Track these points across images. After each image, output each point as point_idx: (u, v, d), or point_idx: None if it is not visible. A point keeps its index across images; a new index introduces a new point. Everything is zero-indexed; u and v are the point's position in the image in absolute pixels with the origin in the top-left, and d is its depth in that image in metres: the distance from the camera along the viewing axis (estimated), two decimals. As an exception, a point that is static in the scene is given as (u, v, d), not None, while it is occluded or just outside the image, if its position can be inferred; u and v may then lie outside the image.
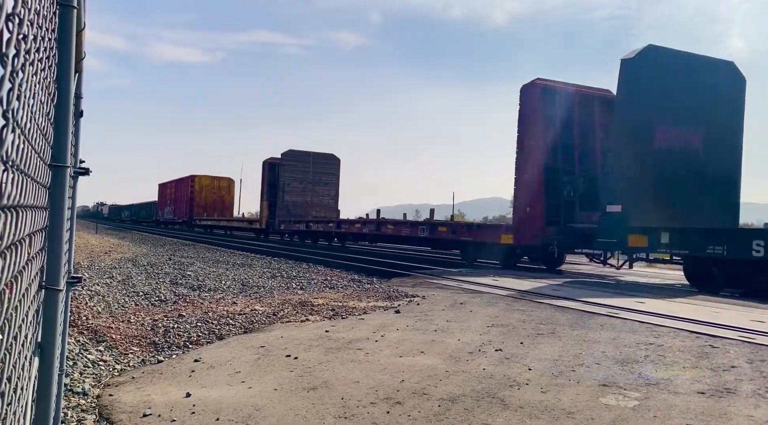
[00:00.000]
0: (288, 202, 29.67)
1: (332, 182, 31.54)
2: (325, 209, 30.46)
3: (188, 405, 3.67)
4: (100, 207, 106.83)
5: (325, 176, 31.00)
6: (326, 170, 31.19)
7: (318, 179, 30.71)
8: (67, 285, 2.67)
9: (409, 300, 8.45)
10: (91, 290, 8.77)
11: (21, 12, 1.01)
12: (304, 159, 30.61)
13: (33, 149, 1.28)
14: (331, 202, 31.35)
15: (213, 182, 44.89)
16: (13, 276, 1.10)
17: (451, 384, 4.11)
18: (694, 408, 3.58)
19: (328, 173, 31.20)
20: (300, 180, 30.25)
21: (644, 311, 7.24)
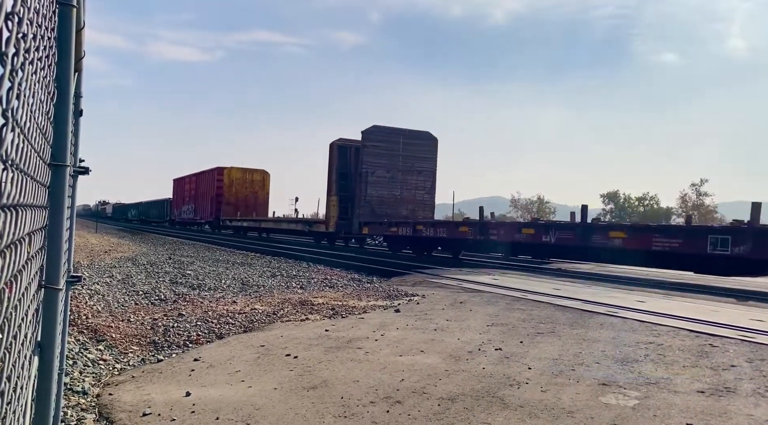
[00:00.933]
0: (372, 197, 22.04)
1: (428, 170, 23.25)
2: (419, 207, 22.95)
3: (188, 405, 3.67)
4: (102, 206, 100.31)
5: (419, 161, 22.95)
6: (420, 153, 23.05)
7: (410, 165, 22.83)
8: (66, 284, 2.67)
9: (408, 299, 8.45)
10: (90, 289, 8.78)
11: (20, 11, 1.01)
12: (393, 138, 22.55)
13: (33, 148, 1.28)
14: (426, 197, 23.26)
15: (245, 176, 38.18)
16: (12, 275, 1.10)
17: (451, 383, 4.11)
18: (694, 407, 3.58)
19: (422, 158, 23.08)
20: (387, 167, 22.38)
21: (644, 310, 7.24)
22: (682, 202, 73.28)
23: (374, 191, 22.13)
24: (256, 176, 39.02)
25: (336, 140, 23.48)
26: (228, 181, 37.57)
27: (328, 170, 23.54)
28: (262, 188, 39.15)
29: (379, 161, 22.22)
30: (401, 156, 22.63)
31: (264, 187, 39.30)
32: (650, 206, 79.16)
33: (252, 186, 38.55)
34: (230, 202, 37.28)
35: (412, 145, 22.78)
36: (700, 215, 67.48)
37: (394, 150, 22.52)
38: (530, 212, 79.24)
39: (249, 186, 38.43)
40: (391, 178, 22.46)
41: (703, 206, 70.75)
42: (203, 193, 40.48)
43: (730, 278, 11.92)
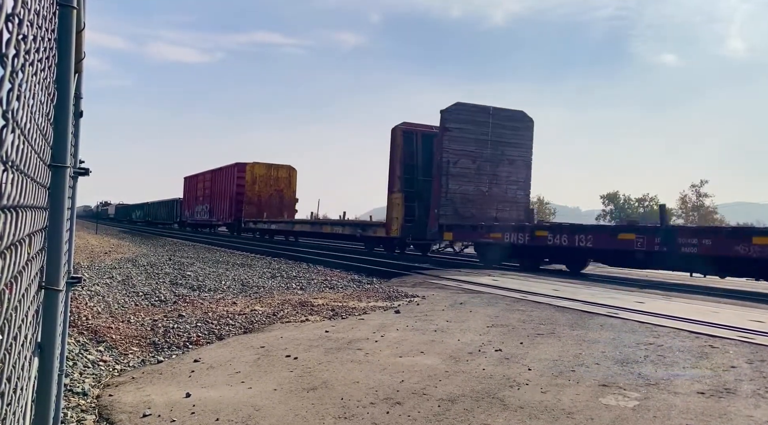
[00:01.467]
0: (454, 194, 17.44)
1: (521, 160, 18.60)
2: (510, 206, 18.36)
3: (188, 406, 3.67)
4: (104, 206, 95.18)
5: (510, 148, 18.32)
6: (513, 137, 18.39)
7: (500, 153, 18.10)
8: (66, 285, 2.67)
9: (408, 300, 8.44)
10: (91, 291, 8.78)
11: (21, 12, 1.01)
12: (480, 119, 17.75)
13: (33, 149, 1.28)
14: (519, 194, 18.65)
15: (269, 172, 33.86)
16: (13, 276, 1.10)
17: (451, 384, 4.11)
18: (693, 408, 3.58)
19: (515, 144, 18.40)
20: (473, 156, 17.72)
21: (644, 312, 7.24)
22: (682, 203, 73.33)
23: (457, 185, 17.45)
24: (282, 172, 34.39)
25: (399, 125, 19.10)
26: (250, 178, 33.03)
27: (390, 161, 19.13)
28: (288, 186, 34.49)
29: (464, 147, 17.50)
30: (489, 142, 17.90)
31: (290, 185, 34.63)
32: (650, 207, 79.20)
33: (277, 184, 33.99)
34: (252, 201, 32.83)
35: (502, 127, 18.00)
36: (700, 216, 67.50)
37: (482, 134, 17.84)
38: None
39: (273, 184, 33.87)
40: (477, 169, 17.78)
41: (702, 207, 70.78)
42: (220, 192, 36.36)
43: (729, 279, 11.92)
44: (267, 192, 33.87)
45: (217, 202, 37.29)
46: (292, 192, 34.95)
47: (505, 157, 18.23)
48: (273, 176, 34.22)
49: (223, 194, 36.08)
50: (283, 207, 33.82)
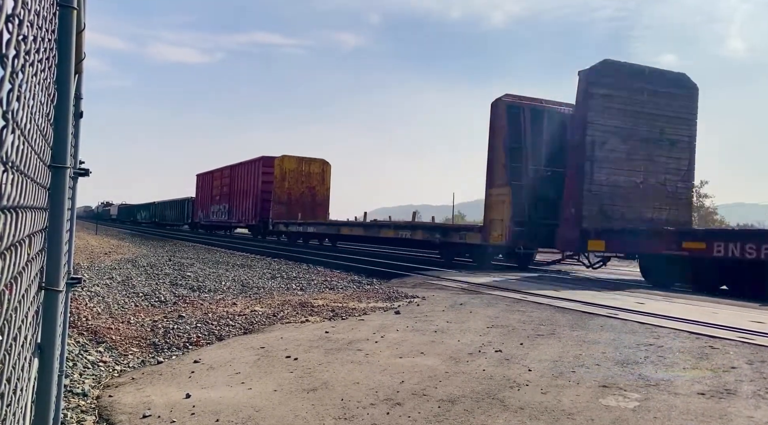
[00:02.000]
0: (600, 187, 13.02)
1: (684, 140, 13.99)
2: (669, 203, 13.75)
3: (188, 406, 3.67)
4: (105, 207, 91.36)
5: (671, 123, 13.72)
6: (673, 109, 13.76)
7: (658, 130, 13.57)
8: (66, 286, 2.67)
9: (408, 301, 8.44)
10: (90, 291, 8.77)
11: (21, 13, 1.01)
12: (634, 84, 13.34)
13: (33, 149, 1.28)
14: (681, 187, 14.04)
15: (300, 167, 29.50)
16: (12, 277, 1.10)
17: (451, 385, 4.11)
18: (694, 409, 3.58)
19: (676, 118, 13.80)
20: (624, 135, 13.24)
21: (644, 312, 7.24)
22: (682, 204, 73.30)
23: (605, 175, 13.04)
24: (314, 167, 30.00)
25: (503, 98, 14.53)
26: (279, 173, 28.61)
27: (490, 145, 14.71)
28: (321, 183, 30.14)
29: (613, 122, 13.08)
30: (645, 115, 13.45)
31: (324, 181, 30.29)
32: (650, 207, 79.14)
33: (309, 180, 29.62)
34: (281, 200, 28.46)
35: (660, 96, 13.53)
36: (700, 216, 67.50)
37: (636, 105, 13.34)
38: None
39: (305, 180, 29.52)
40: (629, 153, 13.28)
41: (703, 208, 70.76)
42: (242, 189, 32.36)
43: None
44: (298, 190, 29.27)
45: (237, 201, 33.07)
46: (325, 190, 30.28)
47: (665, 135, 13.61)
48: (304, 171, 29.58)
49: (245, 192, 31.97)
50: (316, 207, 29.37)
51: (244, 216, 32.20)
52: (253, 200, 31.02)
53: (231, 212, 34.22)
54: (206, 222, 39.53)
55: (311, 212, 28.61)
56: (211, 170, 39.37)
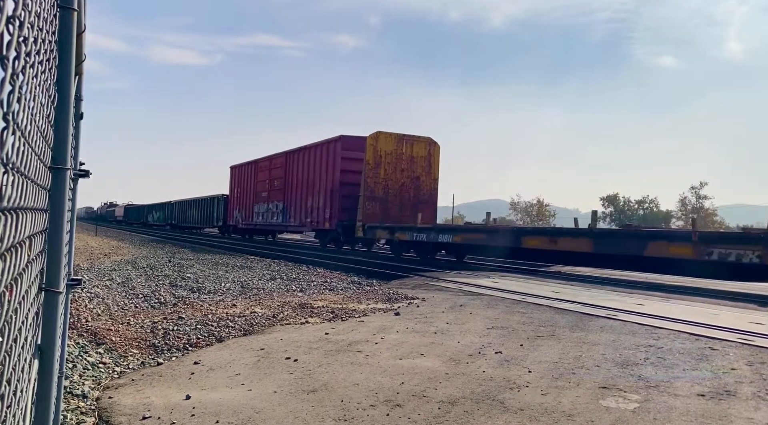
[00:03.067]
0: None
1: None
2: None
3: (188, 408, 3.67)
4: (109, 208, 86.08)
5: None
6: None
7: None
8: (66, 287, 2.67)
9: (408, 302, 8.44)
10: (90, 293, 8.77)
11: (21, 14, 1.01)
12: None
13: (33, 151, 1.28)
14: None
15: (400, 148, 21.34)
16: (13, 278, 1.10)
17: (451, 386, 4.11)
18: (694, 410, 3.58)
19: None
20: None
21: (643, 313, 7.23)
22: (682, 205, 73.38)
23: None
24: (419, 148, 21.75)
25: None
26: (373, 157, 20.74)
27: None
28: (427, 172, 21.87)
29: None
30: None
31: (431, 169, 21.95)
32: (650, 209, 79.21)
33: (412, 168, 21.57)
34: (376, 195, 20.78)
35: None
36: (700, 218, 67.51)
37: None
38: (530, 215, 79.28)
39: (407, 167, 21.51)
40: None
41: (702, 209, 70.83)
42: (307, 182, 24.34)
43: (728, 281, 11.91)
44: (396, 180, 21.27)
45: (298, 198, 25.22)
46: (432, 181, 22.01)
47: None
48: (405, 154, 21.46)
49: (310, 185, 24.04)
50: (419, 204, 21.45)
51: (311, 217, 23.97)
52: (324, 196, 22.75)
53: (287, 212, 26.17)
54: (246, 225, 31.66)
55: (413, 212, 20.58)
56: (254, 160, 31.09)
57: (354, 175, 21.47)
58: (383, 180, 21.12)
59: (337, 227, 22.03)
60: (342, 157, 21.98)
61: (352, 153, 21.65)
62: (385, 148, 21.17)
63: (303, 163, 25.07)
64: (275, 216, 27.76)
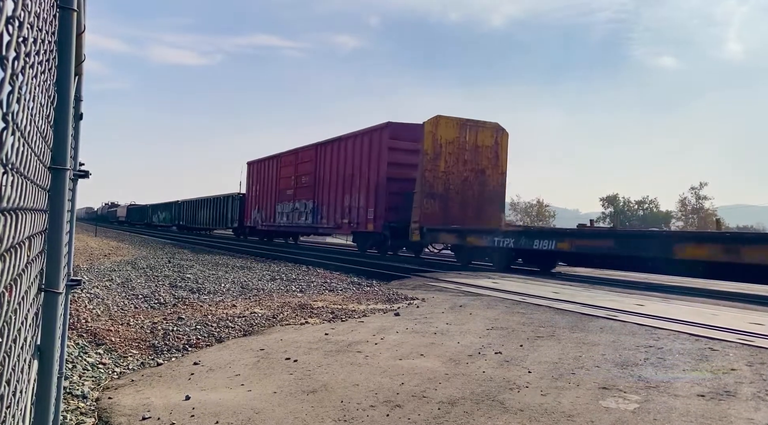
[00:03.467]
0: None
1: None
2: None
3: (188, 408, 3.66)
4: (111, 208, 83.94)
5: None
6: None
7: None
8: (66, 288, 2.67)
9: (408, 303, 8.44)
10: (90, 293, 8.77)
11: (21, 15, 1.01)
12: None
13: (33, 151, 1.28)
14: None
15: (463, 135, 18.30)
16: (12, 279, 1.10)
17: (451, 386, 4.11)
18: (694, 410, 3.58)
19: None
20: None
21: (643, 314, 7.23)
22: (682, 205, 73.42)
23: None
24: (484, 136, 18.60)
25: None
26: (432, 147, 17.62)
27: None
28: (494, 165, 18.86)
29: None
30: None
31: (498, 161, 18.90)
32: (650, 209, 79.27)
33: (476, 159, 18.47)
34: (436, 192, 17.68)
35: None
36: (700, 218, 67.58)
37: None
38: (530, 215, 79.33)
39: (471, 158, 18.40)
40: None
41: (702, 210, 70.85)
42: (344, 177, 21.26)
43: (728, 282, 11.91)
44: (459, 174, 18.18)
45: (331, 196, 22.16)
46: (499, 175, 18.94)
47: None
48: (469, 142, 18.27)
49: (349, 181, 20.91)
50: (485, 203, 18.50)
51: (348, 218, 20.86)
52: (366, 193, 19.72)
53: (318, 212, 23.10)
54: (267, 227, 28.65)
55: (477, 213, 18.15)
56: (276, 154, 28.10)
57: (403, 169, 18.52)
58: (443, 174, 17.86)
59: (383, 229, 18.88)
60: (389, 147, 18.90)
61: (402, 143, 18.82)
62: (445, 136, 17.89)
63: (338, 156, 21.87)
64: (303, 217, 24.60)
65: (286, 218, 26.46)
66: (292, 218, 25.77)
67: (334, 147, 22.38)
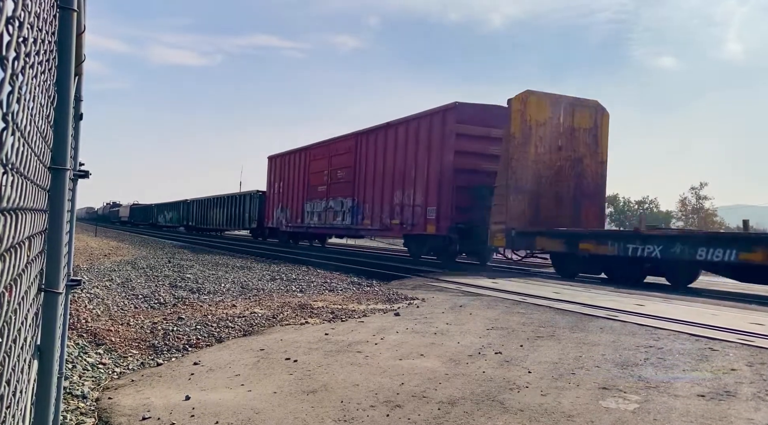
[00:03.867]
0: None
1: None
2: None
3: (188, 408, 3.66)
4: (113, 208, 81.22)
5: None
6: None
7: None
8: (66, 288, 2.67)
9: (408, 303, 8.44)
10: (90, 293, 8.77)
11: (21, 15, 1.01)
12: None
13: (33, 151, 1.28)
14: None
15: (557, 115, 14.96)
16: (12, 279, 1.10)
17: (451, 387, 4.11)
18: (694, 411, 3.58)
19: None
20: None
21: (643, 314, 7.23)
22: (682, 206, 73.37)
23: None
24: (581, 117, 15.47)
25: None
26: (521, 129, 14.59)
27: None
28: (593, 152, 15.67)
29: None
30: None
31: (598, 149, 15.71)
32: (650, 209, 79.27)
33: (572, 145, 15.34)
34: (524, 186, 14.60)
35: None
36: (700, 218, 67.56)
37: None
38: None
39: (567, 144, 15.25)
40: None
41: (702, 210, 70.80)
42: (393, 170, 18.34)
43: (729, 282, 11.91)
44: (552, 164, 14.98)
45: (377, 192, 19.10)
46: (598, 165, 15.69)
47: None
48: (564, 124, 15.11)
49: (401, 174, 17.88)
50: (584, 200, 15.36)
51: (400, 218, 17.88)
52: (425, 188, 16.71)
53: (359, 211, 20.17)
54: (294, 228, 25.65)
55: (573, 211, 15.04)
56: (304, 147, 25.11)
57: (473, 158, 15.81)
58: (533, 164, 14.63)
59: (450, 231, 15.92)
60: (457, 134, 15.84)
61: (471, 128, 15.96)
62: (536, 116, 14.65)
63: (385, 145, 18.87)
64: (339, 217, 21.56)
65: (317, 219, 23.41)
66: (325, 218, 22.67)
67: (379, 136, 19.35)
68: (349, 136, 21.42)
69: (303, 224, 24.78)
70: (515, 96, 14.60)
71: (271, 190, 28.82)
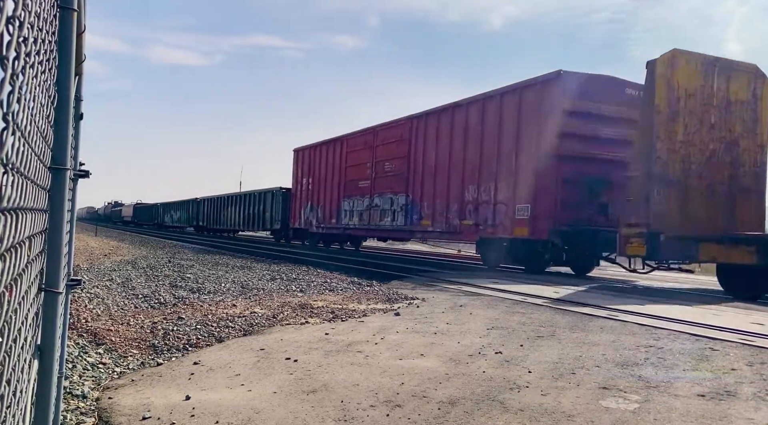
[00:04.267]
0: None
1: None
2: None
3: (188, 408, 3.66)
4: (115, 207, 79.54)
5: None
6: None
7: None
8: (66, 288, 2.67)
9: (408, 303, 8.44)
10: (90, 293, 8.77)
11: (21, 15, 1.01)
12: None
13: (33, 151, 1.28)
14: None
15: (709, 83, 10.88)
16: (12, 279, 1.10)
17: (451, 386, 4.11)
18: (694, 410, 3.58)
19: None
20: None
21: (644, 314, 7.23)
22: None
23: None
24: (737, 85, 11.29)
25: None
26: (667, 100, 10.62)
27: None
28: (751, 132, 11.53)
29: None
30: None
31: (757, 126, 11.55)
32: None
33: (726, 121, 11.23)
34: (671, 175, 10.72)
35: None
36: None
37: None
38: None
39: (719, 121, 11.16)
40: None
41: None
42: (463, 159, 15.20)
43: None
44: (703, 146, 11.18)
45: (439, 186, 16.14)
46: (757, 148, 11.79)
47: None
48: (719, 96, 11.26)
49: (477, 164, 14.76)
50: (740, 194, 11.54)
51: (473, 218, 14.84)
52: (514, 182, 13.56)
53: (414, 209, 17.18)
54: (327, 229, 22.70)
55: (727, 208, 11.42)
56: (339, 136, 22.04)
57: (583, 143, 12.84)
58: (681, 146, 10.99)
59: (551, 235, 12.87)
60: (564, 111, 12.69)
61: (581, 103, 12.79)
62: (685, 84, 11.00)
63: (453, 131, 15.60)
64: (388, 216, 18.35)
65: (357, 218, 20.16)
66: (369, 217, 19.37)
67: (442, 119, 16.07)
68: (401, 121, 18.19)
69: (339, 225, 21.56)
70: (659, 57, 10.87)
71: (298, 187, 25.28)
